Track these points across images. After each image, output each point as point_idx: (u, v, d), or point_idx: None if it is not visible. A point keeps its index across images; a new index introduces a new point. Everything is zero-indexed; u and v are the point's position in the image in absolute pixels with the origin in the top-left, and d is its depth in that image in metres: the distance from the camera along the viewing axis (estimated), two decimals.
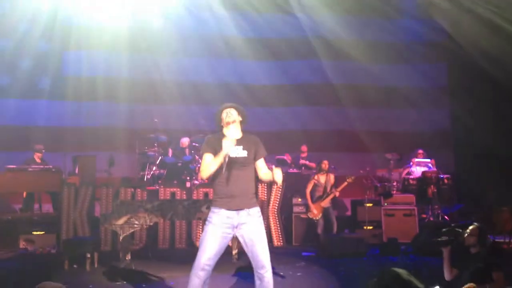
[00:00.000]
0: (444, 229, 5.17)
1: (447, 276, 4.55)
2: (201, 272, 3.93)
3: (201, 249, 3.98)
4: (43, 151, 9.78)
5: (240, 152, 4.09)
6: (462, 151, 12.22)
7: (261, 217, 4.14)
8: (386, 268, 2.24)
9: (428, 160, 10.59)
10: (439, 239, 4.63)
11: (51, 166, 9.12)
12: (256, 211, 4.10)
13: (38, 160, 9.61)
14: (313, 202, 8.89)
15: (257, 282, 4.04)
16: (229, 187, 4.03)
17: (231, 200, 4.01)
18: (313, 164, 10.79)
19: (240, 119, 4.19)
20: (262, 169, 4.24)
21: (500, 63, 10.59)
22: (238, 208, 4.02)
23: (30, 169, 8.85)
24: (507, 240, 8.30)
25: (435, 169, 10.43)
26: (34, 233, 8.28)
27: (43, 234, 8.31)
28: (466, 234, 4.49)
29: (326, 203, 8.85)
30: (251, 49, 12.44)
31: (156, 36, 12.10)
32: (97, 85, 11.81)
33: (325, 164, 9.07)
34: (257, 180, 4.29)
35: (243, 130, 4.23)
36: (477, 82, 11.27)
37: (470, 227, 4.52)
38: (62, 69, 11.93)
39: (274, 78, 12.71)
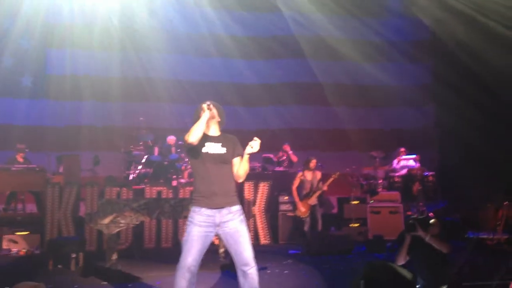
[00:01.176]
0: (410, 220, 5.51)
1: (400, 261, 4.80)
2: (187, 273, 3.91)
3: (185, 250, 3.97)
4: (27, 150, 9.65)
5: (219, 149, 4.07)
6: (446, 148, 12.35)
7: (242, 215, 4.12)
8: (371, 261, 2.23)
9: (413, 156, 10.67)
10: (409, 221, 4.99)
11: (35, 166, 9.00)
12: (237, 208, 4.08)
13: (20, 160, 9.47)
14: (300, 199, 8.88)
15: (241, 279, 4.02)
16: (209, 185, 4.01)
17: (212, 198, 3.99)
18: (294, 158, 10.78)
19: (219, 119, 4.18)
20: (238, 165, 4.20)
21: (483, 61, 10.72)
22: (219, 207, 4.00)
23: (14, 169, 8.72)
24: (491, 237, 8.39)
25: (419, 164, 10.52)
26: (18, 233, 8.14)
27: (26, 234, 8.17)
28: (432, 225, 4.85)
29: (313, 200, 8.85)
30: (239, 47, 12.46)
31: (143, 34, 12.04)
32: (82, 83, 11.72)
33: (313, 163, 9.05)
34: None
35: (221, 130, 4.23)
36: (461, 80, 11.38)
37: (434, 220, 4.98)
38: (45, 67, 11.79)
39: (261, 77, 12.72)
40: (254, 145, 4.00)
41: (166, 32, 12.15)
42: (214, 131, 4.17)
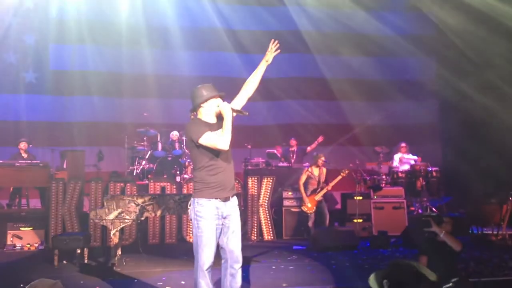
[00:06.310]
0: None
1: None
2: (207, 272, 3.81)
3: (202, 247, 3.80)
4: (30, 145, 9.67)
5: None
6: (450, 143, 12.32)
7: (239, 209, 4.07)
8: (395, 260, 2.21)
9: (415, 157, 10.62)
10: (424, 217, 5.14)
11: (38, 161, 9.01)
12: (236, 199, 4.02)
13: (24, 155, 9.48)
14: (307, 195, 8.87)
15: (229, 278, 3.93)
16: (218, 176, 3.88)
17: (222, 189, 3.88)
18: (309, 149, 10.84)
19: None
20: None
21: (487, 56, 10.68)
22: (226, 198, 3.91)
23: (18, 164, 8.74)
24: (495, 232, 8.39)
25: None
26: (22, 229, 8.17)
27: (31, 230, 8.21)
28: (445, 222, 4.89)
29: (320, 196, 8.85)
30: (240, 42, 12.41)
31: (146, 29, 12.00)
32: (85, 79, 11.72)
33: (321, 160, 9.02)
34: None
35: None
36: (465, 75, 11.33)
37: (447, 217, 5.07)
38: (49, 63, 11.79)
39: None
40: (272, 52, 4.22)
41: (170, 27, 12.10)
42: (215, 118, 4.04)
